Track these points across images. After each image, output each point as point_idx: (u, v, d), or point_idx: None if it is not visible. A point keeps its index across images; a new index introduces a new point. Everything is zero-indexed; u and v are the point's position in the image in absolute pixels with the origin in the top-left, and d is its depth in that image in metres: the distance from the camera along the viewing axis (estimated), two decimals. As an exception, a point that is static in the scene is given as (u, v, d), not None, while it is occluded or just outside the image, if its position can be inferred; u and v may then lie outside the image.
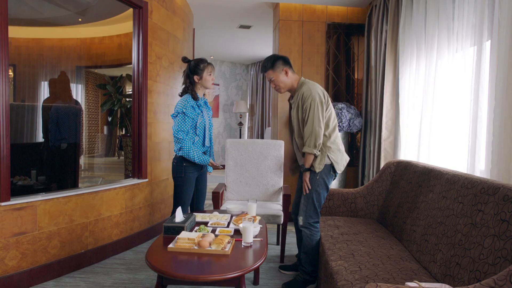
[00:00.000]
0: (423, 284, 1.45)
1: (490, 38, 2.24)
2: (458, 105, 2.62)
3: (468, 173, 2.13)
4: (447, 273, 1.78)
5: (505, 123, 2.00)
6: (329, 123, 2.52)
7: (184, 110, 2.73)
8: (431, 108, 2.96)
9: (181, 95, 2.89)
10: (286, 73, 2.49)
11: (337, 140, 2.57)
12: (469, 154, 2.42)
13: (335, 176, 2.61)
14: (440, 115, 2.84)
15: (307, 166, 2.53)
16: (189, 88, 2.84)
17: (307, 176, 2.56)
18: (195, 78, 2.82)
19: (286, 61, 2.51)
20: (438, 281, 1.84)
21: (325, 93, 2.51)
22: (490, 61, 2.23)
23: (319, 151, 2.48)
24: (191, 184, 2.88)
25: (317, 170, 2.50)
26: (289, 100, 2.69)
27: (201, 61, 2.83)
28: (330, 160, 2.51)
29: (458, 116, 2.62)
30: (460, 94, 2.61)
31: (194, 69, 2.82)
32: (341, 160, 2.57)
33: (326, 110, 2.47)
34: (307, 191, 2.57)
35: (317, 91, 2.44)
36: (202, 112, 2.84)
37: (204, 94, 2.97)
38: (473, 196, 1.80)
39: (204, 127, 2.86)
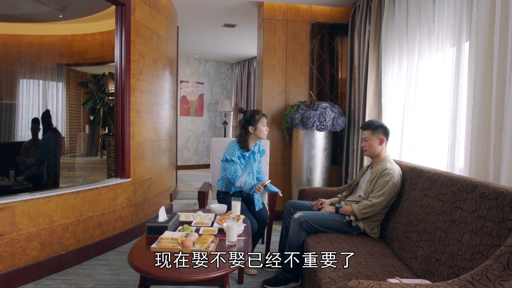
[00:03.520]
0: (404, 280, 1.48)
1: (469, 39, 2.30)
2: (439, 104, 2.68)
3: (448, 171, 2.18)
4: (427, 269, 1.82)
5: (483, 122, 2.06)
6: (390, 204, 2.54)
7: (233, 158, 2.93)
8: (412, 108, 3.01)
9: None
10: (381, 142, 2.62)
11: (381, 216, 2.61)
12: (449, 153, 2.47)
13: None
14: (421, 115, 2.90)
15: (343, 212, 2.61)
16: (244, 138, 2.98)
17: (332, 209, 2.68)
18: (250, 128, 2.95)
19: (386, 133, 2.64)
20: (419, 277, 1.87)
21: (401, 179, 2.54)
22: (468, 62, 2.28)
23: (362, 219, 2.56)
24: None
25: (353, 220, 2.57)
26: (370, 167, 2.77)
27: (257, 112, 2.98)
28: (363, 224, 2.57)
29: (439, 115, 2.68)
30: (440, 94, 2.66)
31: (249, 119, 2.95)
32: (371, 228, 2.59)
33: (395, 194, 2.51)
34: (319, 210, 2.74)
35: (399, 173, 2.52)
36: (246, 162, 3.03)
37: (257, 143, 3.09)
38: (452, 193, 1.84)
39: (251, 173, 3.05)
